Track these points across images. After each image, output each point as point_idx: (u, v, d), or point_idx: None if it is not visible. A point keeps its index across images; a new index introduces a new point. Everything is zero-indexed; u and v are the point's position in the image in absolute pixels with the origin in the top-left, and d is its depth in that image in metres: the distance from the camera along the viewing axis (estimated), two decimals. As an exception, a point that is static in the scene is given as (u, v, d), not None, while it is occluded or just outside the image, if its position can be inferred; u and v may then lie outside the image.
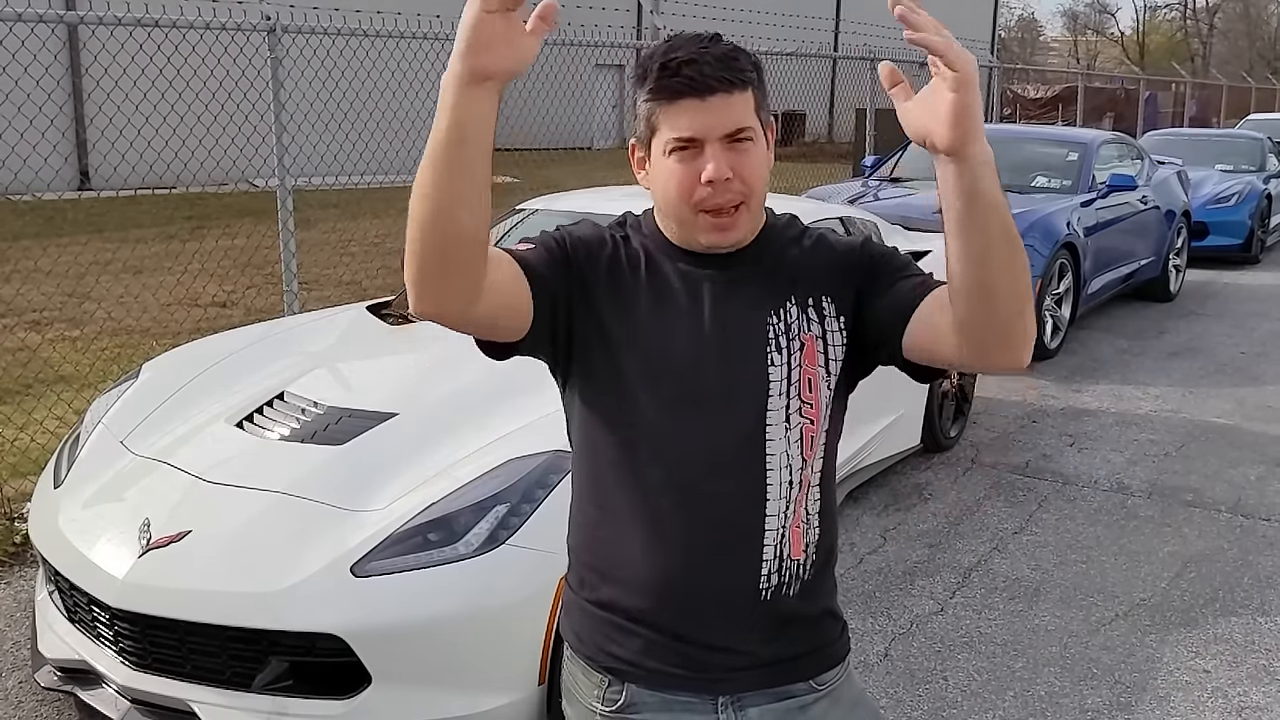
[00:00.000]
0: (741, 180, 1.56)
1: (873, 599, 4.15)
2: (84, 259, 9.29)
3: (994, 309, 1.46)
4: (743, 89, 1.56)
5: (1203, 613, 4.11)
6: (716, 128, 1.54)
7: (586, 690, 1.71)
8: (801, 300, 1.64)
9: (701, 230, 1.59)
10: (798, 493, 1.63)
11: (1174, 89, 31.91)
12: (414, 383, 3.83)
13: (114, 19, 5.14)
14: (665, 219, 1.65)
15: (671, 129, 1.56)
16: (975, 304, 1.47)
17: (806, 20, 26.85)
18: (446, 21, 8.91)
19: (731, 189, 1.55)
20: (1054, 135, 10.63)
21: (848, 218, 5.62)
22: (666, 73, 1.55)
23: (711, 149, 1.54)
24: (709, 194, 1.55)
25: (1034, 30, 73.48)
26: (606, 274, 1.63)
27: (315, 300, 7.97)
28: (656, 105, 1.57)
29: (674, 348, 1.60)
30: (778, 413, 1.60)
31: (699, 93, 1.53)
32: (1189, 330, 8.92)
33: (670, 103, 1.55)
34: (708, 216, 1.57)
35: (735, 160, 1.55)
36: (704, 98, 1.54)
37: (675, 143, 1.56)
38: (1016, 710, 3.47)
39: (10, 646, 3.72)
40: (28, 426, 5.35)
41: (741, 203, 1.57)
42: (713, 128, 1.54)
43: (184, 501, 3.15)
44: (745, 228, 1.60)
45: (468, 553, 2.86)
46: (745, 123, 1.56)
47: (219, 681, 2.89)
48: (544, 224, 4.88)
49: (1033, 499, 5.20)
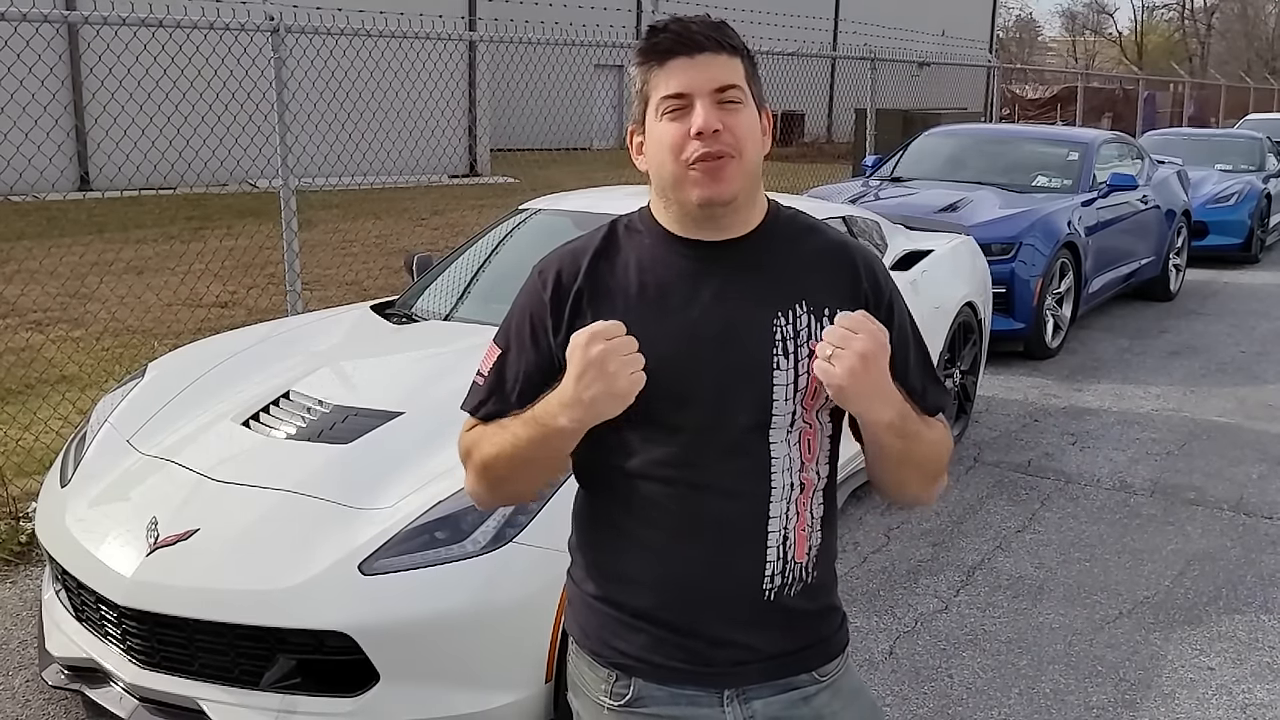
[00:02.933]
0: (731, 134, 1.57)
1: (877, 597, 4.16)
2: (86, 259, 9.29)
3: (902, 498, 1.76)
4: (731, 53, 1.60)
5: (1206, 610, 4.12)
6: (705, 83, 1.57)
7: (593, 684, 1.72)
8: (816, 309, 1.63)
9: (693, 185, 1.58)
10: (801, 495, 1.63)
11: (1172, 89, 31.94)
12: (419, 381, 3.84)
13: (116, 19, 5.14)
14: (661, 195, 1.65)
15: (661, 89, 1.59)
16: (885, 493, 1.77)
17: (805, 20, 26.86)
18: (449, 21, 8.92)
19: (721, 140, 1.56)
20: (1055, 135, 10.64)
21: (850, 217, 5.62)
22: (655, 33, 1.60)
23: (701, 103, 1.56)
24: (698, 147, 1.56)
25: (1032, 30, 73.52)
26: (590, 288, 1.65)
27: (317, 300, 7.98)
28: (648, 70, 1.60)
29: (667, 346, 1.59)
30: (782, 416, 1.60)
31: (688, 50, 1.58)
32: (1189, 329, 8.94)
33: (660, 64, 1.59)
34: (697, 172, 1.57)
35: (724, 116, 1.57)
36: (692, 55, 1.57)
37: (666, 102, 1.58)
38: (1022, 708, 3.47)
39: (17, 645, 3.73)
40: (32, 426, 5.36)
41: (732, 156, 1.57)
42: (701, 82, 1.57)
43: (191, 500, 3.15)
44: (737, 183, 1.59)
45: (475, 550, 2.87)
46: (733, 80, 1.59)
47: (227, 679, 2.89)
48: (546, 224, 4.89)
49: (1035, 497, 5.21)
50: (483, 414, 1.71)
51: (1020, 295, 7.47)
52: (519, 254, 4.73)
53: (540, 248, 1.94)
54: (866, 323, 1.52)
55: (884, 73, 11.50)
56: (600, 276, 1.65)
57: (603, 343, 1.49)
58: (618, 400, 1.51)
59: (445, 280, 4.76)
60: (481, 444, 1.68)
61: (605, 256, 1.67)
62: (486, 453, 1.66)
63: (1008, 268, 7.39)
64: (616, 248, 1.68)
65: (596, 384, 1.49)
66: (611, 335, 1.50)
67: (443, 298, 4.64)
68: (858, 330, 1.51)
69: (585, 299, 1.64)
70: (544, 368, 1.66)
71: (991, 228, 7.48)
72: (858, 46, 13.80)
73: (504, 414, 1.68)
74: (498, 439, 1.65)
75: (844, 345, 1.51)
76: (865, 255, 1.71)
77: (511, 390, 1.68)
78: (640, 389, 1.51)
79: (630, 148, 1.69)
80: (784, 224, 1.69)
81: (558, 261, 1.69)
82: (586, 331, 1.51)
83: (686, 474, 1.60)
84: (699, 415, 1.60)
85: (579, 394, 1.50)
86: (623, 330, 1.51)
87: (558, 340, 1.64)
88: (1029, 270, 7.49)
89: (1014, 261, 7.46)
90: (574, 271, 1.66)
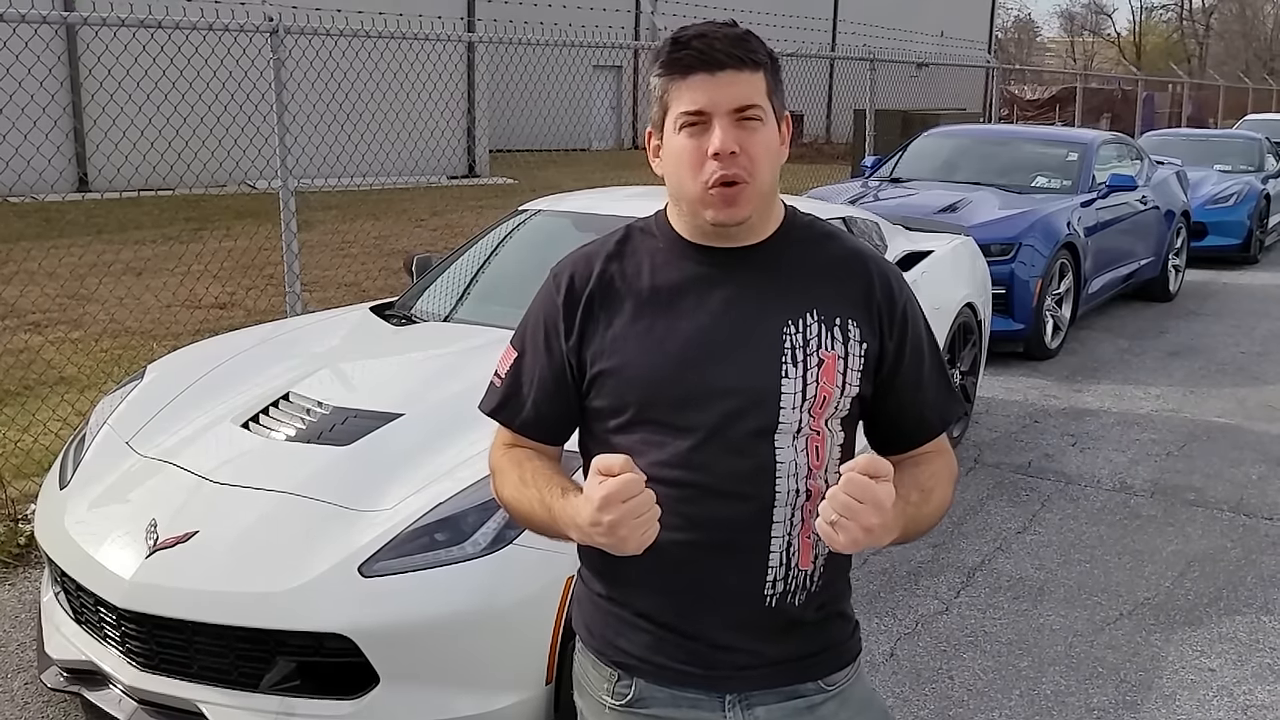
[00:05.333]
0: (748, 157, 1.56)
1: (877, 599, 4.15)
2: (84, 261, 9.29)
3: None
4: (754, 69, 1.58)
5: (1207, 612, 4.12)
6: (724, 102, 1.55)
7: (596, 683, 1.72)
8: (827, 318, 1.63)
9: (708, 205, 1.58)
10: (808, 502, 1.61)
11: (1171, 90, 31.93)
12: (420, 383, 3.83)
13: (115, 20, 5.13)
14: (676, 203, 1.66)
15: (681, 104, 1.57)
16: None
17: (804, 21, 26.87)
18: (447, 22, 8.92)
19: (737, 163, 1.55)
20: (1054, 136, 10.64)
21: (849, 218, 5.62)
22: (678, 47, 1.58)
23: (720, 123, 1.55)
24: (715, 168, 1.55)
25: (1031, 31, 73.56)
26: (600, 291, 1.65)
27: (317, 301, 7.97)
28: (668, 81, 1.59)
29: (676, 349, 1.60)
30: (789, 424, 1.60)
31: (709, 67, 1.56)
32: (1189, 330, 8.94)
33: (682, 78, 1.57)
34: (713, 193, 1.57)
35: (742, 137, 1.56)
36: (714, 73, 1.56)
37: (684, 117, 1.57)
38: (1023, 709, 3.47)
39: (16, 648, 3.72)
40: (30, 428, 5.35)
41: (747, 183, 1.57)
42: (720, 102, 1.55)
43: (190, 502, 3.15)
44: (751, 206, 1.59)
45: (475, 552, 2.86)
46: (753, 100, 1.57)
47: (226, 682, 2.88)
48: (545, 225, 4.88)
49: (1036, 499, 5.20)
50: (501, 419, 1.75)
51: (1020, 296, 7.47)
52: (519, 255, 4.72)
53: (540, 249, 1.95)
54: (872, 488, 1.45)
55: (883, 73, 11.49)
56: (612, 280, 1.66)
57: (617, 508, 1.45)
58: (627, 553, 1.51)
59: (445, 281, 4.75)
60: (506, 482, 1.72)
61: (619, 259, 1.67)
62: (507, 495, 1.71)
63: (1007, 268, 7.39)
64: (630, 251, 1.68)
65: (606, 539, 1.49)
66: (628, 496, 1.45)
67: (442, 299, 4.63)
68: (864, 499, 1.45)
69: (597, 303, 1.65)
70: (557, 373, 1.68)
71: (991, 228, 7.48)
72: (856, 47, 13.80)
73: (518, 419, 1.72)
74: (519, 494, 1.68)
75: (850, 516, 1.45)
76: (880, 265, 1.70)
77: (527, 397, 1.71)
78: (650, 543, 1.50)
79: (647, 149, 1.69)
80: (800, 231, 1.69)
81: (571, 265, 1.70)
82: (602, 492, 1.45)
83: (691, 476, 1.59)
84: (705, 419, 1.59)
85: (589, 535, 1.51)
86: (640, 486, 1.46)
87: (569, 344, 1.65)
88: (1028, 271, 7.49)
89: (1013, 262, 7.45)
90: (587, 274, 1.67)
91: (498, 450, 1.77)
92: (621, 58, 26.15)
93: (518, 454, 1.73)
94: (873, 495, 1.45)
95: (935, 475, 1.70)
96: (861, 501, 1.45)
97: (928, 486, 1.67)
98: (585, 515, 1.49)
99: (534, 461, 1.70)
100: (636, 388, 1.61)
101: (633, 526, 1.46)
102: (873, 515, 1.45)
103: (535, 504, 1.63)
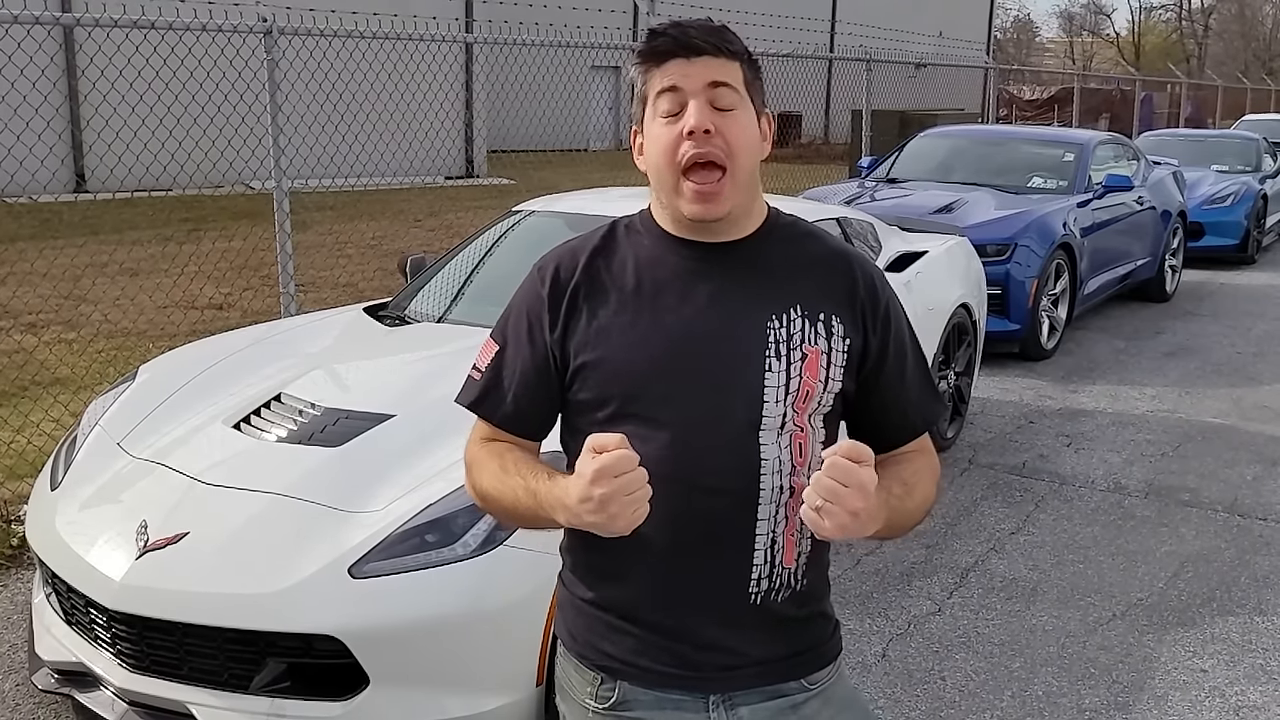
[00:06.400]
0: (724, 139, 1.56)
1: (870, 600, 4.15)
2: (80, 261, 9.28)
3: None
4: (730, 57, 1.59)
5: (1200, 612, 4.12)
6: (698, 78, 1.56)
7: (579, 687, 1.72)
8: (810, 313, 1.63)
9: (686, 200, 1.58)
10: (792, 500, 1.61)
11: (1169, 90, 31.93)
12: (411, 384, 3.83)
13: (110, 21, 5.13)
14: (657, 195, 1.65)
15: (656, 86, 1.59)
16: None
17: (802, 21, 26.85)
18: (442, 23, 8.92)
19: (713, 143, 1.55)
20: (1050, 136, 10.64)
21: (844, 218, 5.62)
22: (654, 36, 1.60)
23: (694, 102, 1.56)
24: (690, 148, 1.55)
25: (1029, 31, 73.57)
26: (586, 284, 1.65)
27: (312, 302, 7.97)
28: (646, 70, 1.60)
29: (660, 343, 1.60)
30: (772, 419, 1.60)
31: (685, 52, 1.57)
32: (1185, 330, 8.94)
33: (657, 65, 1.59)
34: (691, 184, 1.57)
35: (718, 120, 1.56)
36: (689, 58, 1.57)
37: (661, 96, 1.58)
38: (1014, 710, 3.47)
39: (7, 649, 3.71)
40: (24, 429, 5.35)
41: (724, 169, 1.57)
42: (694, 77, 1.56)
43: (181, 503, 3.14)
44: (730, 201, 1.59)
45: (466, 554, 2.86)
46: (728, 79, 1.58)
47: (216, 683, 2.88)
48: (540, 226, 4.88)
49: (1030, 499, 5.20)
50: (481, 412, 1.72)
51: (1015, 296, 7.47)
52: (513, 256, 4.71)
53: (534, 249, 1.94)
54: (856, 471, 1.45)
55: (880, 74, 11.50)
56: (598, 273, 1.66)
57: (610, 482, 1.44)
58: (616, 533, 1.49)
59: (439, 282, 4.75)
60: (484, 473, 1.69)
61: (604, 254, 1.67)
62: (486, 486, 1.68)
63: (1003, 269, 7.39)
64: (615, 246, 1.68)
65: (596, 516, 1.47)
66: (621, 471, 1.44)
67: (436, 300, 4.62)
68: (848, 483, 1.45)
69: (581, 295, 1.65)
70: (540, 365, 1.67)
71: (987, 229, 7.48)
72: (854, 48, 13.79)
73: (498, 414, 1.70)
74: (500, 484, 1.65)
75: (835, 501, 1.45)
76: (863, 263, 1.71)
77: (508, 390, 1.69)
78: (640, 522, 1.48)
79: (632, 148, 1.70)
80: (783, 229, 1.70)
81: (556, 259, 1.70)
82: (596, 465, 1.44)
83: (675, 471, 1.59)
84: (688, 413, 1.59)
85: (579, 513, 1.48)
86: (634, 463, 1.45)
87: (553, 336, 1.65)
88: (1024, 271, 7.49)
89: (1009, 263, 7.46)
90: (572, 268, 1.67)
91: (474, 445, 1.75)
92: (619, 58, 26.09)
93: (497, 446, 1.71)
94: (856, 478, 1.45)
95: (918, 472, 1.71)
96: (846, 485, 1.45)
97: (910, 481, 1.67)
98: (576, 492, 1.47)
99: (515, 452, 1.69)
100: (620, 380, 1.61)
101: (624, 503, 1.45)
102: (857, 499, 1.45)
103: (519, 490, 1.61)
